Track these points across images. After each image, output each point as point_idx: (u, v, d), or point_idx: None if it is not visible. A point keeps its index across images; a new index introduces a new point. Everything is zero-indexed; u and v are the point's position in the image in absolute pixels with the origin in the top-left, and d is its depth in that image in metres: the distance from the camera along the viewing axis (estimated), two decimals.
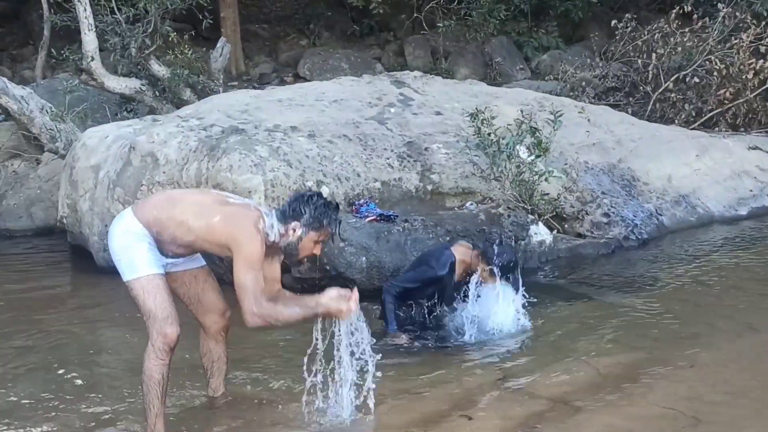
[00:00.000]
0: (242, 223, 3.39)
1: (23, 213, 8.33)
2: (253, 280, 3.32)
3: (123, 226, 3.48)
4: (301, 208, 3.47)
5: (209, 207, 3.48)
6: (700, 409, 3.63)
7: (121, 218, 3.53)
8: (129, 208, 3.56)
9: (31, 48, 13.16)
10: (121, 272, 3.48)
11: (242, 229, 3.37)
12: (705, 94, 9.71)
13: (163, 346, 3.39)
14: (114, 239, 3.50)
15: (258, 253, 3.36)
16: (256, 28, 13.97)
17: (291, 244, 3.49)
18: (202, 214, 3.44)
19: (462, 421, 3.64)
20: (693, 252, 6.60)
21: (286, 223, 3.48)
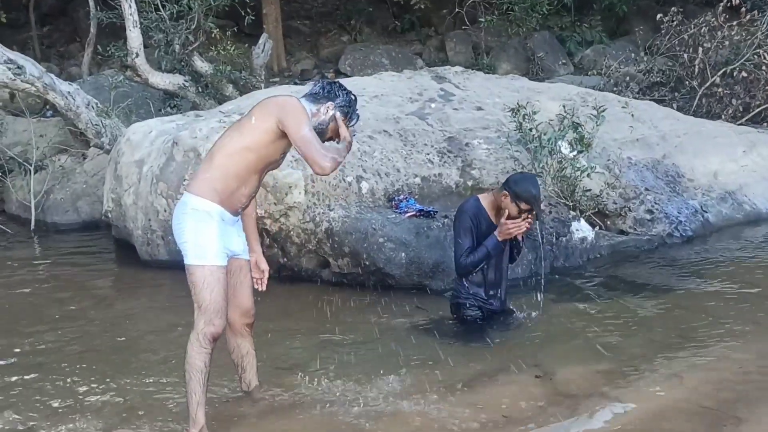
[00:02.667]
0: (278, 99, 3.51)
1: (69, 207, 8.49)
2: (311, 131, 3.37)
3: (190, 205, 3.47)
4: (336, 91, 3.61)
5: (239, 122, 3.57)
6: (743, 409, 3.56)
7: (187, 199, 3.50)
8: (189, 194, 3.51)
9: (77, 45, 13.40)
10: (185, 253, 3.46)
11: (279, 100, 3.49)
12: (753, 88, 9.51)
13: (209, 337, 3.42)
14: (182, 220, 3.47)
15: (305, 112, 3.43)
16: (297, 25, 14.04)
17: (323, 122, 3.57)
18: (239, 129, 3.51)
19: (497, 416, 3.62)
20: (739, 249, 6.48)
21: (318, 103, 3.59)
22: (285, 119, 3.39)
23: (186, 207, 3.47)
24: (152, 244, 6.48)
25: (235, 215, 3.56)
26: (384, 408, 3.74)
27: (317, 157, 3.31)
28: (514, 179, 4.68)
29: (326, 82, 3.67)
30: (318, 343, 4.74)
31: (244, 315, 3.75)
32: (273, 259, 5.99)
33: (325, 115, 3.57)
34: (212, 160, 3.50)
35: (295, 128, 3.36)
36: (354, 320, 5.11)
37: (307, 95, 3.64)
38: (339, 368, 4.27)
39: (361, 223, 5.68)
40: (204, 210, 3.43)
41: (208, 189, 3.45)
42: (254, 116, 3.48)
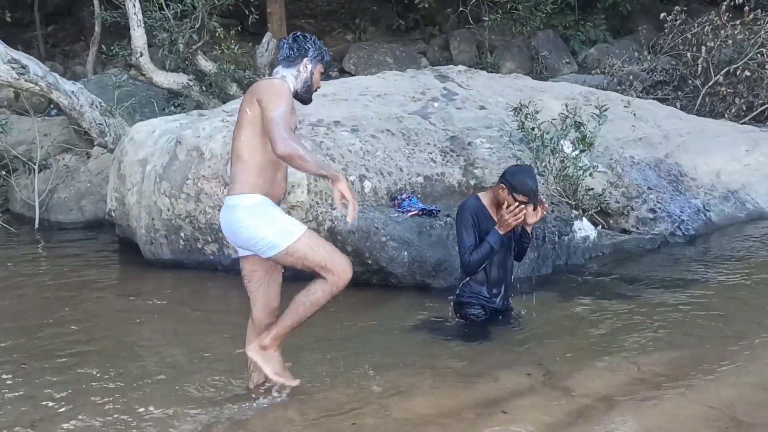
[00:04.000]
0: (259, 82, 3.61)
1: (74, 206, 8.52)
2: (282, 114, 3.43)
3: (242, 205, 3.52)
4: (304, 45, 3.72)
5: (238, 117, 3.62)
6: (743, 410, 3.56)
7: (235, 201, 3.54)
8: (233, 196, 3.56)
9: (82, 44, 13.45)
10: (272, 246, 3.51)
11: (261, 84, 3.58)
12: (756, 87, 9.52)
13: (345, 282, 3.53)
14: (244, 222, 3.51)
15: (286, 97, 3.50)
16: (302, 23, 14.06)
17: (306, 80, 3.71)
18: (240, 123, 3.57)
19: (498, 415, 3.63)
20: (741, 249, 6.48)
21: (295, 65, 3.71)
22: (261, 99, 3.50)
23: (237, 209, 3.54)
24: (155, 243, 6.50)
25: (278, 204, 3.64)
26: (385, 406, 3.75)
27: (276, 135, 3.37)
28: (510, 171, 4.69)
29: (291, 41, 3.75)
30: (319, 341, 4.76)
31: (271, 314, 3.79)
32: None
33: (305, 72, 3.71)
34: (241, 159, 3.56)
35: (267, 109, 3.45)
36: (356, 319, 5.12)
37: (282, 61, 3.73)
38: (340, 366, 4.28)
39: (363, 222, 5.70)
40: (256, 203, 3.52)
41: (252, 186, 3.54)
42: (246, 107, 3.56)
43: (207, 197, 6.16)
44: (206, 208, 6.17)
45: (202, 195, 6.18)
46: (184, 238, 6.34)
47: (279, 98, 3.47)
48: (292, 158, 3.37)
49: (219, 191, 6.09)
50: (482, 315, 4.83)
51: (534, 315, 4.96)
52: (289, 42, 3.75)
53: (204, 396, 3.97)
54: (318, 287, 3.54)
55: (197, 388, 4.05)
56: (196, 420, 3.70)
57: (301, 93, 3.73)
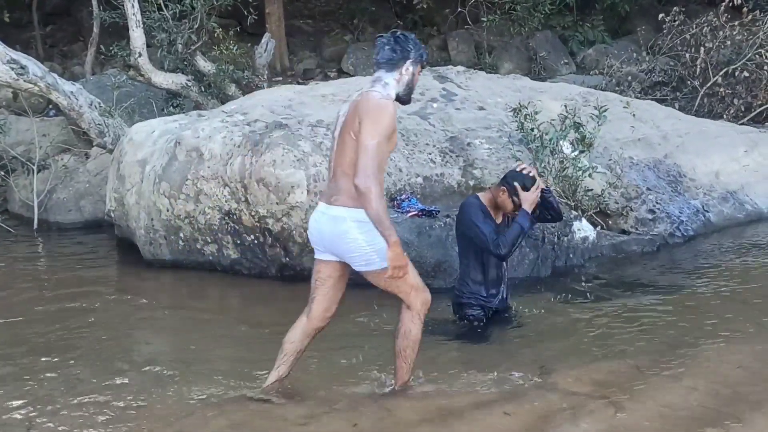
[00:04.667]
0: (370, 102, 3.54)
1: (72, 206, 8.51)
2: (376, 146, 3.44)
3: (351, 219, 3.55)
4: (406, 47, 3.67)
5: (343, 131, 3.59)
6: (742, 409, 3.57)
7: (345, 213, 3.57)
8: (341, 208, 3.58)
9: (80, 44, 13.43)
10: (370, 263, 3.59)
11: (371, 103, 3.53)
12: (755, 88, 9.51)
13: (426, 311, 3.72)
14: (351, 234, 3.56)
15: (389, 124, 3.49)
16: (300, 24, 14.06)
17: (408, 83, 3.70)
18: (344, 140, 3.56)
19: (500, 416, 3.63)
20: (740, 249, 6.49)
21: (397, 68, 3.66)
22: (363, 120, 3.48)
23: (346, 221, 3.57)
24: (155, 244, 6.50)
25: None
26: (386, 407, 3.75)
27: (362, 169, 3.41)
28: (511, 175, 4.72)
29: (393, 43, 3.67)
30: (318, 342, 4.75)
31: (328, 313, 3.82)
32: (275, 258, 6.02)
33: (407, 74, 3.68)
34: (348, 175, 3.54)
35: (364, 136, 3.45)
36: (356, 319, 5.12)
37: (384, 64, 3.67)
38: (339, 367, 4.28)
39: None
40: (365, 219, 3.53)
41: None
42: (350, 128, 3.53)
43: (206, 198, 6.16)
44: (205, 209, 6.17)
45: (201, 195, 6.18)
46: (184, 239, 6.34)
47: (380, 126, 3.46)
48: (363, 195, 3.42)
49: (218, 192, 6.09)
50: (481, 315, 4.83)
51: (533, 315, 4.96)
52: (391, 44, 3.69)
53: (203, 396, 3.97)
54: (409, 326, 3.70)
55: (196, 389, 4.05)
56: (194, 420, 3.70)
57: (402, 96, 3.71)
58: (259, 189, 5.88)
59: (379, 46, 3.72)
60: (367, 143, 3.43)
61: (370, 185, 3.40)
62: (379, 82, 3.66)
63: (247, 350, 4.66)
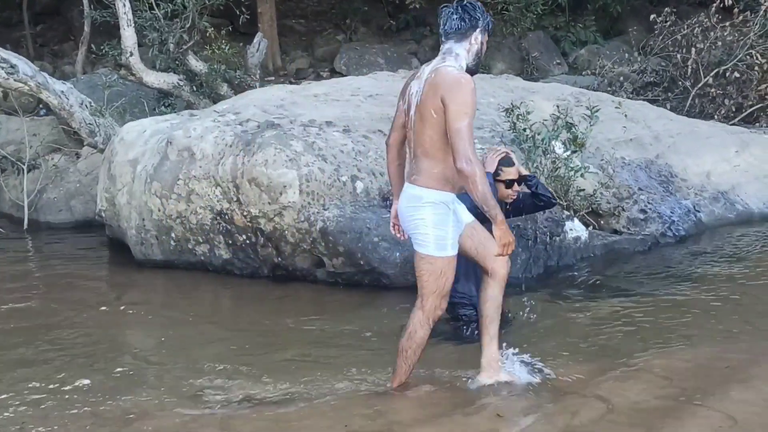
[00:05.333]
0: (447, 77, 3.47)
1: (63, 206, 8.48)
2: (468, 127, 3.39)
3: (426, 199, 3.56)
4: (474, 16, 3.59)
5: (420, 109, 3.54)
6: (735, 408, 3.58)
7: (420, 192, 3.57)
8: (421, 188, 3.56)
9: (71, 43, 13.39)
10: (423, 243, 3.60)
11: (449, 78, 3.46)
12: (746, 89, 9.55)
13: (436, 318, 3.73)
14: (420, 213, 3.57)
15: (473, 99, 3.43)
16: (292, 24, 14.05)
17: (477, 53, 3.64)
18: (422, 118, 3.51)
19: (492, 417, 3.63)
20: (731, 249, 6.50)
21: (466, 37, 3.60)
22: (446, 102, 3.42)
23: (421, 200, 3.57)
24: (146, 244, 6.48)
25: (460, 192, 3.64)
26: (376, 407, 3.75)
27: (461, 150, 3.36)
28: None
29: (462, 12, 3.60)
30: (311, 341, 4.75)
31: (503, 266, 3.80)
32: (267, 258, 6.01)
33: (476, 44, 3.62)
34: (431, 156, 3.54)
35: (453, 118, 3.40)
36: (348, 319, 5.12)
37: (452, 34, 3.60)
38: (332, 366, 4.28)
39: (355, 223, 5.69)
40: (441, 201, 3.55)
41: (441, 180, 3.55)
42: (430, 106, 3.48)
43: (198, 197, 6.14)
44: (197, 209, 6.15)
45: (193, 195, 6.16)
46: (175, 239, 6.32)
47: (466, 105, 3.41)
48: (468, 178, 3.38)
49: (210, 191, 6.07)
50: (474, 315, 4.83)
51: (526, 316, 4.96)
52: (459, 13, 3.61)
53: (194, 397, 3.95)
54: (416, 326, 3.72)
55: (187, 389, 4.04)
56: (185, 420, 3.68)
57: (471, 67, 3.62)
58: (251, 189, 5.86)
59: (445, 15, 3.64)
60: (458, 126, 3.38)
61: (475, 168, 3.37)
62: (450, 55, 3.58)
63: (240, 350, 4.64)
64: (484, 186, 3.39)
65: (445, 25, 3.62)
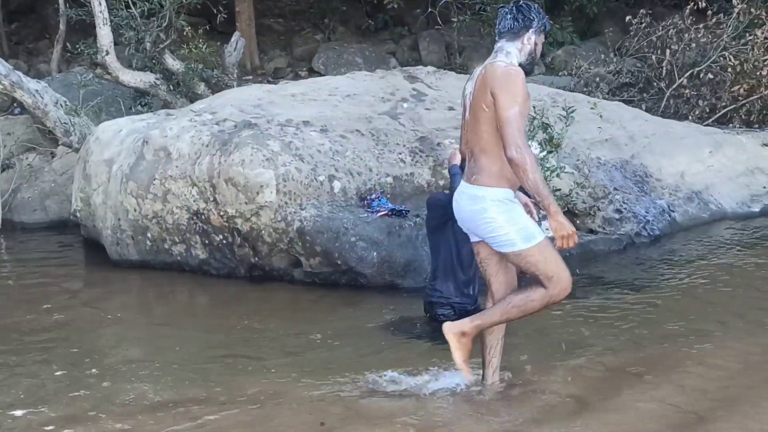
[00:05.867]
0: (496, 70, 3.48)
1: (38, 206, 8.40)
2: (518, 114, 3.38)
3: (490, 198, 3.51)
4: (528, 16, 3.59)
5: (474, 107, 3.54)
6: (707, 407, 3.62)
7: (482, 193, 3.53)
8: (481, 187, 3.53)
9: (46, 42, 13.24)
10: (510, 243, 3.51)
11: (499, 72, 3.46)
12: (719, 90, 9.64)
13: (560, 299, 3.59)
14: (488, 214, 3.51)
15: (523, 90, 3.43)
16: (270, 23, 13.99)
17: (530, 52, 3.62)
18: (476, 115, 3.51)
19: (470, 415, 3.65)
20: (705, 249, 6.57)
21: (519, 37, 3.60)
22: (496, 94, 3.42)
23: (485, 201, 3.53)
24: (122, 244, 6.44)
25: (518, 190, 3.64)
26: (353, 406, 3.75)
27: (510, 138, 3.35)
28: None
29: (516, 11, 3.61)
30: (288, 342, 4.75)
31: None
32: (244, 258, 5.99)
33: (529, 44, 3.61)
34: (488, 153, 3.51)
35: (502, 107, 3.39)
36: (325, 320, 5.12)
37: (505, 33, 3.61)
38: (310, 367, 4.28)
39: (333, 223, 5.69)
40: (505, 198, 3.52)
41: (501, 177, 3.51)
42: (481, 101, 3.48)
43: (174, 197, 6.11)
44: (173, 209, 6.12)
45: (169, 195, 6.14)
46: (151, 239, 6.29)
47: (516, 94, 3.41)
48: (519, 167, 3.35)
49: (186, 191, 6.05)
50: (451, 315, 4.84)
51: None
52: (513, 12, 3.62)
53: (168, 397, 3.94)
54: (537, 295, 3.56)
55: (163, 390, 4.02)
56: (159, 419, 3.67)
57: (524, 65, 3.61)
58: (227, 189, 5.84)
59: (501, 15, 3.66)
60: (507, 114, 3.37)
61: (524, 155, 3.34)
62: (501, 52, 3.60)
63: (215, 351, 4.63)
64: (535, 174, 3.35)
65: (499, 24, 3.65)
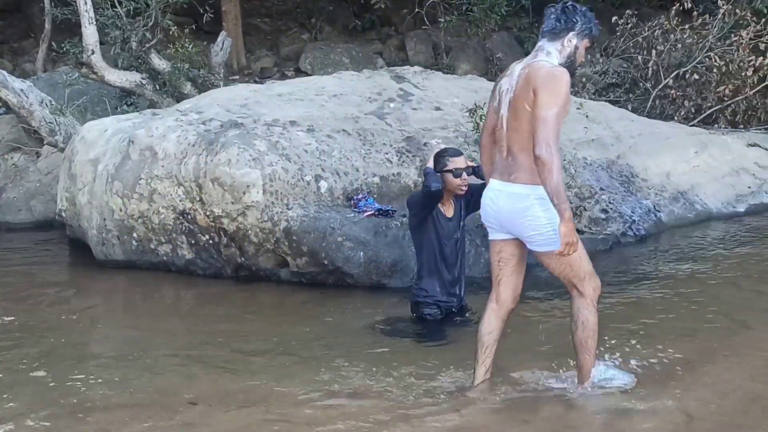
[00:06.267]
0: (540, 70, 3.47)
1: (23, 206, 8.36)
2: (555, 117, 3.37)
3: (535, 195, 3.50)
4: (572, 18, 3.56)
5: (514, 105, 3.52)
6: (691, 406, 3.64)
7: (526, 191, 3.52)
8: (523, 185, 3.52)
9: (32, 41, 13.16)
10: (549, 242, 3.51)
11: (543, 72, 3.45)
12: (705, 90, 9.69)
13: (598, 298, 3.62)
14: (532, 211, 3.51)
15: (565, 92, 3.42)
16: (257, 22, 13.95)
17: (570, 55, 3.58)
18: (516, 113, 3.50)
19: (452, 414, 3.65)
20: (690, 249, 6.61)
21: (560, 38, 3.57)
22: (538, 92, 3.40)
23: (529, 198, 3.51)
24: (107, 244, 6.41)
25: None
26: (340, 406, 3.75)
27: (542, 139, 3.33)
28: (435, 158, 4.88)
29: (559, 12, 3.59)
30: (275, 342, 4.74)
31: (515, 299, 3.79)
32: (231, 258, 5.98)
33: (569, 47, 3.58)
34: (527, 150, 3.47)
35: (541, 106, 3.38)
36: (312, 320, 5.12)
37: (546, 33, 3.59)
38: (296, 367, 4.27)
39: (319, 223, 5.69)
40: (544, 196, 3.47)
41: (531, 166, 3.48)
42: (523, 100, 3.46)
43: (160, 197, 6.09)
44: (159, 209, 6.10)
45: (155, 195, 6.11)
46: (137, 239, 6.26)
47: (558, 95, 3.39)
48: (545, 166, 3.34)
49: (172, 191, 6.03)
50: (438, 314, 4.86)
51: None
52: (556, 13, 3.59)
53: (153, 399, 3.92)
54: (586, 314, 3.61)
55: (146, 391, 4.00)
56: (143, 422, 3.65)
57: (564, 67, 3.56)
58: (213, 188, 5.83)
59: (546, 14, 3.64)
60: (546, 114, 3.36)
61: (553, 155, 3.33)
62: (541, 51, 3.58)
63: (201, 351, 4.62)
64: (559, 176, 3.35)
65: (544, 23, 3.64)
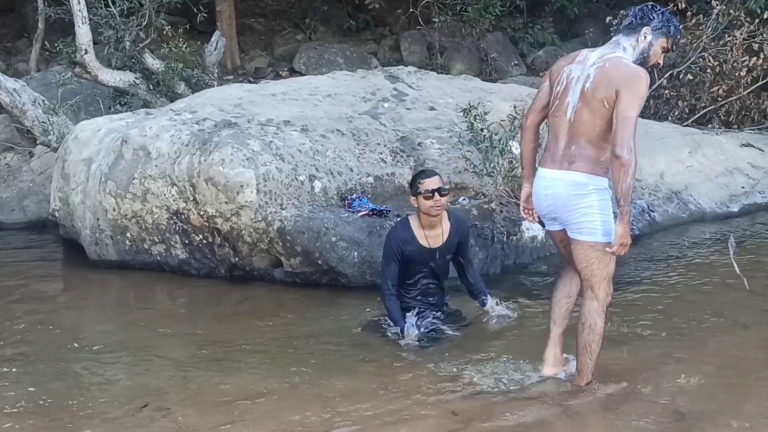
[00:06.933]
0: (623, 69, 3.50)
1: (16, 206, 8.33)
2: (636, 118, 3.43)
3: (592, 185, 3.55)
4: (648, 15, 3.61)
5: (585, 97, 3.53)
6: (685, 405, 3.65)
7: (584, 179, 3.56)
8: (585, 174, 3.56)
9: (25, 40, 13.12)
10: (591, 232, 3.59)
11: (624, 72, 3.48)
12: (698, 91, 9.71)
13: (608, 303, 3.70)
14: (587, 200, 3.56)
15: (645, 94, 3.49)
16: (251, 22, 13.94)
17: (643, 51, 3.61)
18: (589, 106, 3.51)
19: (447, 416, 3.65)
20: (684, 248, 6.62)
21: (635, 32, 3.61)
22: (621, 93, 3.43)
23: (587, 187, 3.56)
24: (101, 244, 6.39)
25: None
26: (331, 406, 3.74)
27: (624, 140, 3.38)
28: (410, 181, 4.84)
29: (638, 9, 3.65)
30: (269, 342, 4.73)
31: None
32: (224, 258, 5.97)
33: (643, 42, 3.61)
34: (597, 145, 3.53)
35: (625, 107, 3.42)
36: (306, 319, 5.12)
37: (624, 28, 3.65)
38: (290, 368, 4.26)
39: (313, 222, 5.68)
40: (605, 188, 3.57)
41: (605, 167, 3.55)
42: (603, 96, 3.48)
43: (154, 197, 6.07)
44: (153, 208, 6.09)
45: (148, 195, 6.10)
46: (131, 239, 6.25)
47: (641, 98, 3.46)
48: (623, 167, 3.39)
49: (166, 191, 6.01)
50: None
51: (481, 314, 4.99)
52: (635, 9, 3.66)
53: (147, 399, 3.91)
54: (595, 317, 3.67)
55: (140, 391, 3.99)
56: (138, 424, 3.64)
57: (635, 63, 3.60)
58: (207, 188, 5.81)
59: (627, 14, 3.71)
60: (629, 114, 3.41)
61: (633, 158, 3.38)
62: (617, 46, 3.63)
63: (195, 351, 4.61)
64: (632, 179, 3.42)
65: (624, 20, 3.71)
